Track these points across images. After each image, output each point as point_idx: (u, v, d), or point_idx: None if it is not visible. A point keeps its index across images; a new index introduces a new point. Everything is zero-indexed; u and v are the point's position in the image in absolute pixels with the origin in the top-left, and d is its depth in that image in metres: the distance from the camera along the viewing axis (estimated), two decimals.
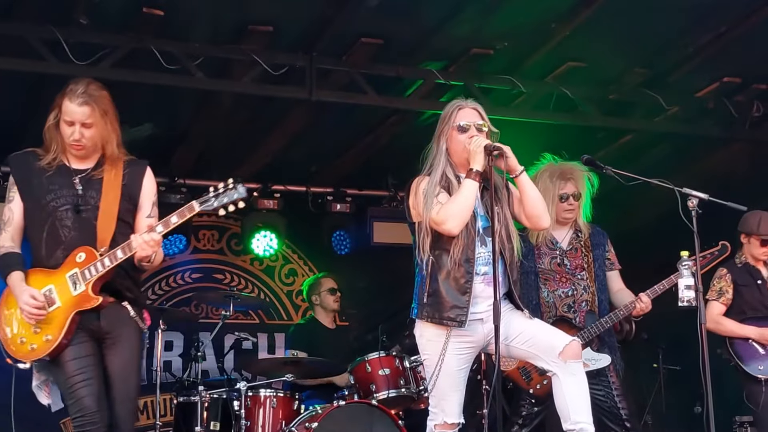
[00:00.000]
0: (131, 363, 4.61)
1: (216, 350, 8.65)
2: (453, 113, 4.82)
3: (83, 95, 4.56)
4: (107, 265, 4.46)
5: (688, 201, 4.85)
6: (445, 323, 4.63)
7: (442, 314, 4.64)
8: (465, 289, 4.63)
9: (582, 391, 4.60)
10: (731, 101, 7.99)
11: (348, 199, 9.58)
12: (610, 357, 5.69)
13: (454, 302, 4.63)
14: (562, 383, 4.58)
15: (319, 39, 6.80)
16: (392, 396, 6.62)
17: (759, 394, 6.22)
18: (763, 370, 6.25)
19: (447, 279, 4.65)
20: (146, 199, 4.79)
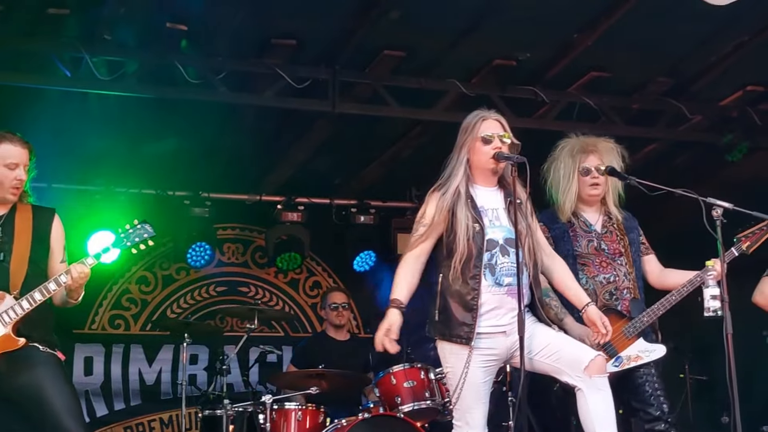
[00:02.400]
0: (58, 378, 4.77)
1: (241, 363, 8.68)
2: (476, 124, 4.83)
3: (20, 139, 4.86)
4: (26, 307, 4.68)
5: (712, 210, 4.81)
6: (455, 340, 4.65)
7: (452, 332, 4.66)
8: (471, 306, 4.64)
9: (607, 406, 4.59)
10: (755, 109, 7.95)
11: (372, 210, 9.58)
12: (665, 348, 5.38)
13: (462, 320, 4.65)
14: (587, 398, 4.56)
15: (341, 52, 6.82)
16: (418, 408, 6.59)
17: None
18: None
19: (454, 296, 4.67)
20: (57, 243, 5.00)
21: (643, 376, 5.30)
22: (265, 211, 9.40)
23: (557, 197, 5.51)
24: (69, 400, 4.74)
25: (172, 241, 9.12)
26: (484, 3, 6.31)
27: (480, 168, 4.80)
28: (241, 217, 9.65)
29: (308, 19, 6.35)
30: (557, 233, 5.43)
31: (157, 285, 9.44)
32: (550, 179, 5.54)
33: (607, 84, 7.49)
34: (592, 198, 5.51)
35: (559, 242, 5.41)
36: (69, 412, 4.69)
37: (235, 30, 6.48)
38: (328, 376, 7.02)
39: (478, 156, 4.78)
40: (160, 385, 9.23)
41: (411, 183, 9.31)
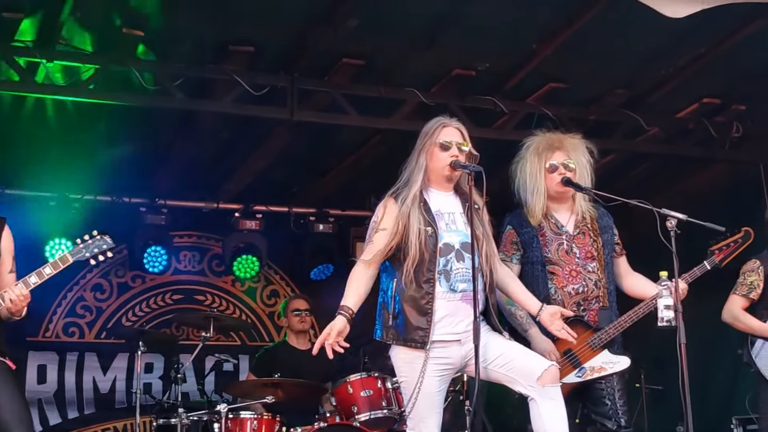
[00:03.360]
0: (7, 386, 4.75)
1: (196, 372, 8.61)
2: (436, 130, 4.83)
3: None
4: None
5: (666, 221, 4.84)
6: (410, 345, 4.62)
7: (407, 336, 4.63)
8: (425, 310, 4.62)
9: (560, 415, 4.59)
10: (711, 122, 8.03)
11: (330, 219, 9.58)
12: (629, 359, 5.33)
13: (417, 324, 4.62)
14: (540, 408, 4.56)
15: (300, 59, 6.79)
16: (374, 417, 6.57)
17: None
18: None
19: (409, 301, 4.64)
20: (6, 253, 4.98)
21: (604, 389, 5.28)
22: (223, 219, 9.36)
23: (527, 197, 5.43)
24: (19, 408, 4.70)
25: (128, 249, 9.05)
26: (443, 13, 6.30)
27: (436, 173, 4.81)
28: (198, 225, 9.60)
29: (266, 25, 6.31)
30: (526, 238, 5.38)
31: (113, 293, 9.37)
32: (518, 180, 5.48)
33: (565, 95, 7.53)
34: (561, 195, 5.42)
35: (528, 248, 5.37)
36: (19, 421, 4.65)
37: (193, 36, 6.44)
38: (284, 385, 6.98)
39: (434, 161, 4.79)
40: (115, 393, 9.17)
41: (370, 192, 9.25)
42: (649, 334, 5.30)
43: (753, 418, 7.17)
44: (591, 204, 5.51)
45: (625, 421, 5.26)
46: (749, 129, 8.14)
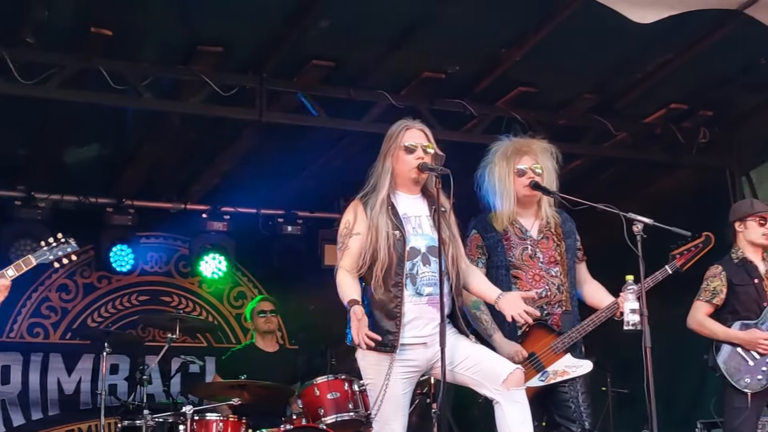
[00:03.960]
0: None
1: (162, 374, 8.58)
2: (401, 133, 4.83)
3: None
4: None
5: (633, 226, 4.86)
6: (380, 349, 4.61)
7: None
8: (394, 313, 4.62)
9: (525, 418, 4.60)
10: (678, 127, 8.08)
11: (299, 221, 9.55)
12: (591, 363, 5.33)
13: (386, 328, 4.62)
14: (504, 411, 4.57)
15: (269, 60, 6.77)
16: (340, 420, 6.57)
17: (742, 409, 5.82)
18: (750, 383, 5.86)
19: (377, 304, 4.64)
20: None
21: (568, 392, 5.27)
22: (190, 220, 9.31)
23: (494, 202, 5.43)
24: None
25: (94, 249, 8.99)
26: (413, 15, 6.31)
27: (403, 176, 4.80)
28: (165, 226, 9.55)
29: (235, 25, 6.29)
30: (491, 243, 5.37)
31: (78, 293, 9.31)
32: (485, 184, 5.46)
33: (535, 99, 7.56)
34: (529, 199, 5.42)
35: (492, 252, 5.37)
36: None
37: (161, 35, 6.40)
38: (251, 387, 6.95)
39: (400, 165, 4.79)
40: (80, 394, 9.10)
41: (339, 194, 9.28)
42: (615, 338, 5.33)
43: (718, 422, 7.22)
44: (555, 209, 5.52)
45: (589, 424, 5.27)
46: (716, 135, 8.21)
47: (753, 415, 5.89)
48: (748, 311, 6.00)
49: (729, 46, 6.69)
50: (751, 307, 6.00)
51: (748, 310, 6.00)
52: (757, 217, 6.09)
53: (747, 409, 5.78)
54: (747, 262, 6.08)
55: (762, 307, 5.98)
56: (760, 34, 6.30)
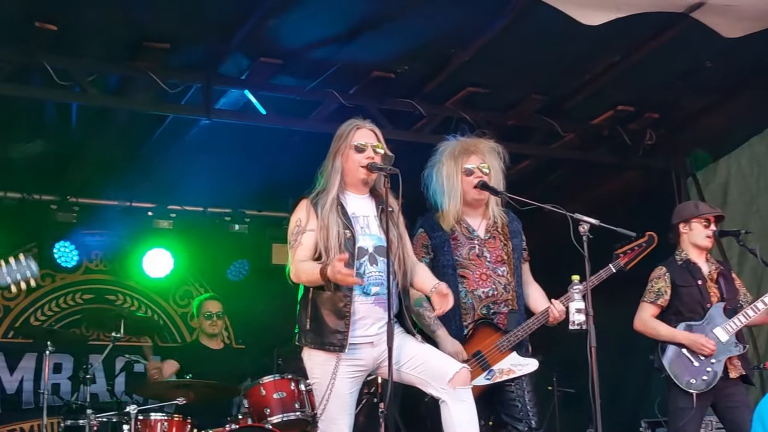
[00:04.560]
0: None
1: (106, 373, 8.48)
2: (350, 132, 4.82)
3: None
4: None
5: (579, 226, 4.90)
6: (328, 348, 4.61)
7: (324, 340, 4.62)
8: (343, 313, 4.61)
9: (471, 417, 4.62)
10: (625, 129, 8.15)
11: (247, 220, 9.48)
12: (537, 362, 5.36)
13: (335, 327, 4.61)
14: (450, 410, 4.59)
15: (217, 57, 6.72)
16: (287, 420, 6.54)
17: (687, 409, 5.86)
18: (695, 384, 5.90)
19: (326, 304, 4.63)
20: None
21: (514, 391, 5.30)
22: (136, 218, 9.20)
23: (442, 201, 5.44)
24: None
25: (37, 247, 8.86)
26: (363, 14, 6.30)
27: (352, 176, 4.79)
28: (111, 224, 9.42)
29: (182, 22, 6.23)
30: (438, 242, 5.39)
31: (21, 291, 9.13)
32: (433, 184, 5.47)
33: (484, 99, 7.58)
34: (477, 201, 5.45)
35: (439, 251, 5.38)
36: None
37: (107, 31, 6.32)
38: (196, 386, 6.90)
39: (350, 164, 4.78)
40: (22, 394, 8.97)
41: (287, 193, 9.20)
42: (561, 337, 5.37)
43: (662, 421, 7.29)
44: (502, 209, 5.55)
45: (536, 422, 5.30)
46: (662, 136, 8.29)
47: (697, 415, 5.95)
48: (692, 312, 6.06)
49: (675, 49, 6.76)
50: (695, 309, 6.06)
51: (692, 312, 6.06)
52: (702, 219, 6.16)
53: (692, 409, 5.84)
54: (691, 264, 6.13)
55: (705, 309, 6.04)
56: (706, 37, 6.37)
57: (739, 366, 5.99)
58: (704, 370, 5.91)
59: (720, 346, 5.92)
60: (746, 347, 6.07)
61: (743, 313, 5.99)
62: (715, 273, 6.16)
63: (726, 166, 8.17)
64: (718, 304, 6.05)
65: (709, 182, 8.30)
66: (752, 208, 7.90)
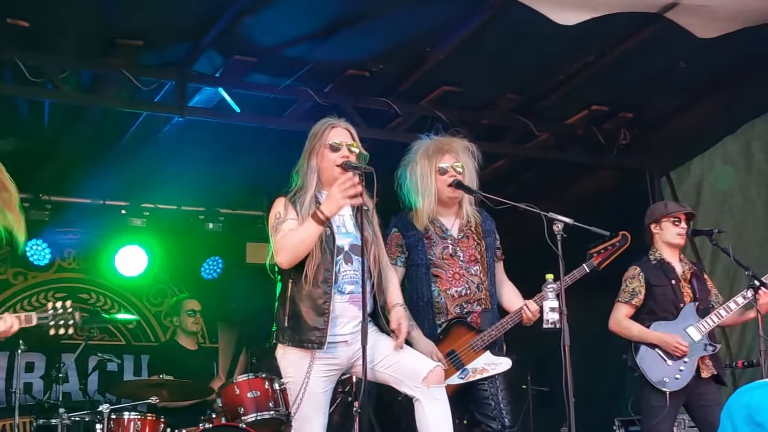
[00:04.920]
0: None
1: (79, 372, 8.43)
2: (325, 131, 4.80)
3: None
4: None
5: (553, 225, 4.91)
6: (306, 346, 4.59)
7: (302, 337, 4.60)
8: (323, 310, 4.60)
9: (445, 415, 4.63)
10: (599, 128, 8.17)
11: (221, 218, 9.44)
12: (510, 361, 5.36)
13: (314, 324, 4.59)
14: (425, 408, 4.60)
15: (190, 55, 6.69)
16: (260, 419, 6.53)
17: (660, 408, 5.88)
18: (668, 383, 5.92)
19: (305, 301, 4.61)
20: None
21: (487, 389, 5.31)
22: (110, 216, 9.15)
23: (416, 200, 5.42)
24: None
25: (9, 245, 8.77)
26: (338, 12, 6.28)
27: (327, 175, 4.77)
28: (84, 222, 9.37)
29: (156, 19, 6.19)
30: (411, 241, 5.39)
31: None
32: (407, 183, 5.46)
33: (458, 98, 7.58)
34: (451, 200, 5.44)
35: (413, 250, 5.38)
36: None
37: (80, 28, 6.27)
38: (169, 385, 6.87)
39: (325, 163, 4.76)
40: None
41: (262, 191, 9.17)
42: (535, 336, 5.37)
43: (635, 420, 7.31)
44: (475, 208, 5.55)
45: (509, 420, 5.31)
46: (636, 136, 8.32)
47: (670, 414, 5.98)
48: (666, 312, 6.09)
49: (649, 49, 6.78)
50: (669, 308, 6.09)
51: (665, 311, 6.09)
52: (671, 217, 6.20)
53: (665, 407, 5.87)
54: (665, 264, 6.17)
55: (679, 308, 6.08)
56: (680, 37, 6.39)
57: (711, 366, 6.03)
58: (677, 369, 5.94)
59: (693, 346, 5.96)
60: (718, 347, 6.12)
61: (716, 313, 6.03)
62: (689, 273, 6.20)
63: (699, 165, 8.21)
64: (691, 304, 6.08)
65: (683, 182, 8.34)
66: (725, 208, 7.95)
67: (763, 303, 5.90)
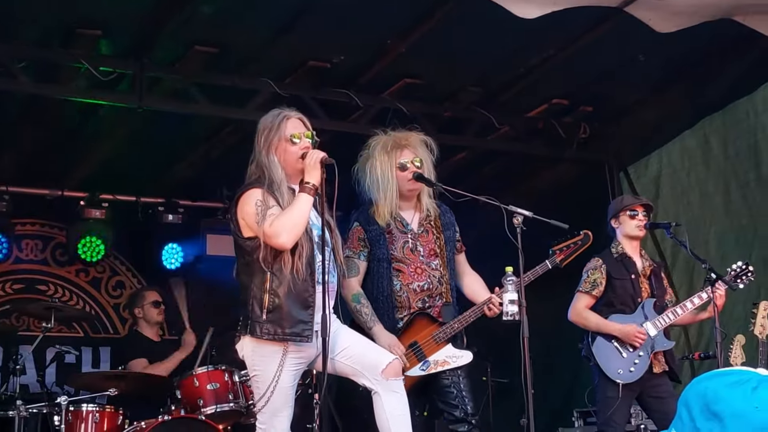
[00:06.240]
0: None
1: (37, 364, 8.34)
2: (281, 124, 4.75)
3: None
4: None
5: (513, 218, 4.93)
6: (290, 339, 4.54)
7: (285, 330, 4.53)
8: (309, 303, 4.56)
9: (403, 408, 4.64)
10: (560, 122, 8.21)
11: (180, 210, 9.37)
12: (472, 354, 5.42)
13: (299, 317, 4.54)
14: (383, 401, 4.61)
15: (150, 45, 6.63)
16: (220, 411, 6.51)
17: (614, 398, 5.92)
18: (622, 374, 5.97)
19: (290, 293, 4.55)
20: None
21: (449, 378, 5.36)
22: (67, 207, 9.07)
23: (377, 197, 5.45)
24: None
25: None
26: (299, 3, 6.26)
27: (290, 168, 4.73)
28: (42, 213, 9.28)
29: (115, 8, 6.13)
30: (373, 236, 5.41)
31: None
32: (367, 179, 5.47)
33: (420, 91, 7.57)
34: (411, 193, 5.48)
35: (375, 245, 5.40)
36: None
37: (38, 17, 6.20)
38: (128, 377, 6.83)
39: (287, 157, 4.71)
40: None
41: (222, 183, 9.15)
42: (495, 328, 5.40)
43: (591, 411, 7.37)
44: (434, 201, 5.59)
45: (471, 408, 5.36)
46: (596, 130, 8.37)
47: (624, 405, 6.05)
48: (624, 305, 6.16)
49: (609, 43, 6.82)
50: (627, 302, 6.16)
51: (623, 304, 6.16)
52: (628, 210, 6.26)
53: (618, 399, 5.92)
54: (626, 258, 6.23)
55: (636, 303, 6.15)
56: (639, 31, 6.43)
57: (663, 362, 6.12)
58: (631, 362, 6.01)
59: (648, 341, 6.02)
60: (673, 343, 6.22)
61: (672, 310, 6.12)
62: (648, 270, 6.27)
63: (658, 159, 8.28)
64: (650, 300, 6.16)
65: (641, 176, 8.40)
66: (683, 202, 8.02)
67: (719, 296, 5.97)
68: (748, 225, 7.55)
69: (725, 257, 7.13)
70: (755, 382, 1.55)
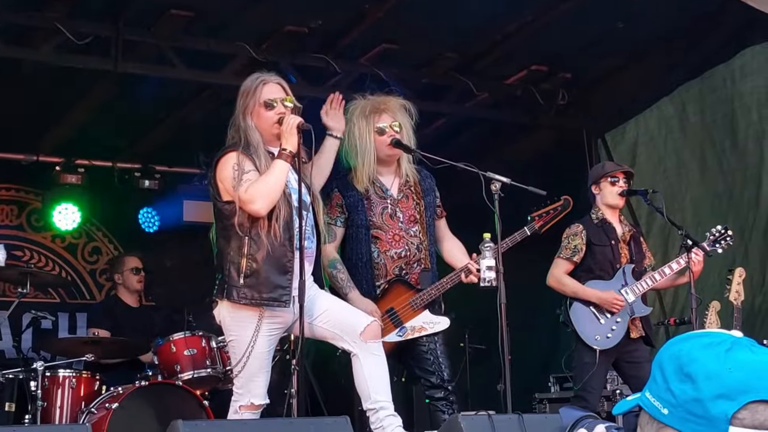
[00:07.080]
0: None
1: (13, 329, 8.31)
2: (257, 88, 4.75)
3: None
4: None
5: (491, 185, 4.94)
6: (267, 304, 4.55)
7: (263, 295, 4.55)
8: (287, 268, 4.57)
9: (382, 370, 4.66)
10: (538, 89, 8.19)
11: (157, 176, 9.33)
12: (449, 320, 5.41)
13: (277, 282, 4.56)
14: (362, 363, 4.62)
15: (126, 8, 6.57)
16: (197, 376, 6.50)
17: (591, 364, 5.93)
18: (600, 341, 5.98)
19: (268, 258, 4.56)
20: None
21: (426, 344, 5.37)
22: (43, 173, 9.00)
23: (355, 162, 5.42)
24: None
25: None
26: None
27: (267, 134, 4.73)
28: (17, 178, 9.21)
29: None
30: (351, 201, 5.39)
31: None
32: (345, 145, 5.43)
33: (398, 56, 7.54)
34: (390, 158, 5.45)
35: (353, 211, 5.39)
36: None
37: None
38: (105, 342, 6.81)
39: (262, 122, 4.71)
40: None
41: (199, 148, 9.10)
42: (472, 294, 5.41)
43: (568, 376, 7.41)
44: (414, 166, 5.56)
45: (448, 374, 5.38)
46: (574, 97, 8.36)
47: (601, 371, 6.08)
48: (602, 271, 6.15)
49: (588, 10, 6.80)
50: (605, 268, 6.16)
51: (602, 270, 6.16)
52: (609, 177, 6.25)
53: (595, 364, 5.96)
54: (606, 223, 6.22)
55: (615, 269, 6.15)
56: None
57: (641, 327, 6.14)
58: (609, 328, 6.03)
59: (626, 307, 6.04)
60: (650, 309, 6.23)
61: (650, 276, 6.13)
62: (628, 235, 6.27)
63: (635, 127, 8.29)
64: (628, 265, 6.17)
65: (618, 144, 8.42)
66: (660, 169, 8.04)
67: (696, 262, 6.00)
68: (723, 192, 7.59)
69: (701, 224, 7.16)
70: (729, 343, 1.55)
